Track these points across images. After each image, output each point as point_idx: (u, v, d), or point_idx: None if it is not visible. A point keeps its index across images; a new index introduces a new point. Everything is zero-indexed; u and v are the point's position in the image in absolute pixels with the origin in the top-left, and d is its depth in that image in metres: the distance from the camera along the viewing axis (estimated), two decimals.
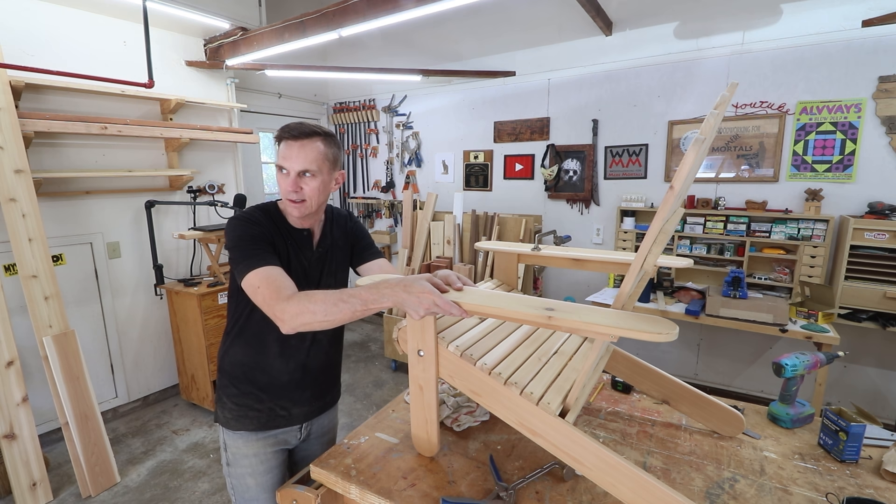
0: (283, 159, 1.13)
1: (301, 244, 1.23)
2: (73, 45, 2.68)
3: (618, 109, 3.43)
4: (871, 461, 1.12)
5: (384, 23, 2.36)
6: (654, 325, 0.75)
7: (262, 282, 1.02)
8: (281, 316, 0.97)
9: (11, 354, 2.17)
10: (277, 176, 1.16)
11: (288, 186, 1.13)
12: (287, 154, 1.13)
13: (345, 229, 1.36)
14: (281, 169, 1.14)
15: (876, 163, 2.68)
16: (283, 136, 1.14)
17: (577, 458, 0.87)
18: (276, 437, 1.28)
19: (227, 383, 1.27)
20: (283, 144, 1.14)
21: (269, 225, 1.17)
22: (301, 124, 1.14)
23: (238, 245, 1.10)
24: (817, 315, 2.51)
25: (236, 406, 1.25)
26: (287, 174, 1.13)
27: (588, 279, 3.77)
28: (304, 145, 1.13)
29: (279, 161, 1.14)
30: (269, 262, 1.07)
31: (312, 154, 1.13)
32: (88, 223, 2.84)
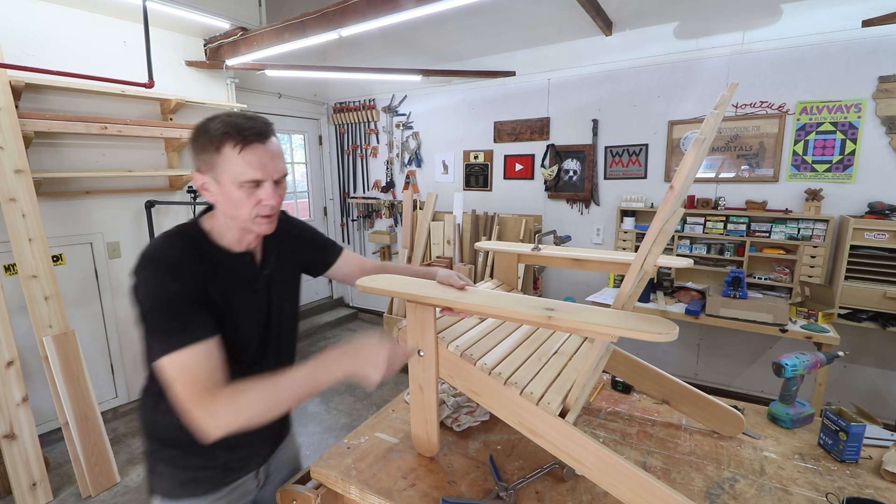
0: (259, 168, 0.85)
1: (243, 274, 0.97)
2: (73, 45, 2.68)
3: (618, 109, 3.43)
4: (871, 461, 1.12)
5: (384, 23, 2.36)
6: (654, 325, 0.75)
7: (179, 375, 0.79)
8: (203, 426, 0.77)
9: (11, 354, 2.17)
10: (237, 193, 0.86)
11: (268, 200, 0.88)
12: (261, 161, 0.85)
13: (288, 235, 1.10)
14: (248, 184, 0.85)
15: (876, 163, 2.68)
16: (248, 138, 0.84)
17: (577, 458, 0.87)
18: (234, 491, 1.05)
19: (160, 447, 0.99)
20: (247, 150, 0.84)
21: (196, 263, 0.87)
22: (253, 118, 0.87)
23: (152, 310, 0.82)
24: (817, 315, 2.51)
25: (180, 470, 0.99)
26: (259, 186, 0.87)
27: (588, 279, 3.77)
28: (273, 143, 0.90)
29: (249, 172, 0.84)
30: (193, 337, 0.81)
31: (280, 151, 0.92)
32: (88, 223, 2.84)
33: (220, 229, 0.94)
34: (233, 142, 0.84)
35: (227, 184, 0.86)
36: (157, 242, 0.88)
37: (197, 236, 0.93)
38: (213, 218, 0.95)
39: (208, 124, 0.86)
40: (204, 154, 0.87)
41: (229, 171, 0.85)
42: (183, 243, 0.89)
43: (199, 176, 0.90)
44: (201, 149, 0.87)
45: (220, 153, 0.85)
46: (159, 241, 0.88)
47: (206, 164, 0.87)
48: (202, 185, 0.90)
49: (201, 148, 0.87)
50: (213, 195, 0.89)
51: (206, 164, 0.87)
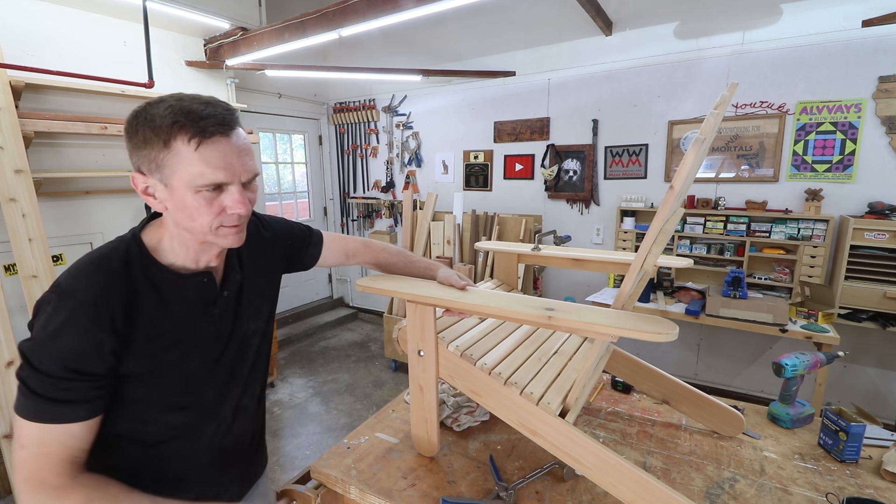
0: (223, 168, 0.67)
1: (196, 300, 0.78)
2: (73, 45, 2.68)
3: (618, 109, 3.43)
4: (871, 461, 1.12)
5: (384, 23, 2.36)
6: (654, 325, 0.75)
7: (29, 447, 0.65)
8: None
9: (11, 354, 2.17)
10: (194, 200, 0.67)
11: (235, 207, 0.69)
12: (225, 159, 0.67)
13: (259, 238, 0.93)
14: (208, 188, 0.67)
15: (876, 163, 2.68)
16: (208, 129, 0.65)
17: (577, 458, 0.87)
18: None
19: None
20: (206, 146, 0.65)
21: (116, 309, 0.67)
22: (212, 103, 0.68)
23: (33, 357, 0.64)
24: (817, 315, 2.51)
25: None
26: (222, 190, 0.69)
27: (588, 279, 3.77)
28: (239, 134, 0.70)
29: (210, 174, 0.66)
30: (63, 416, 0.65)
31: (248, 145, 0.72)
32: (88, 223, 2.84)
33: (170, 244, 0.75)
34: (187, 134, 0.64)
35: (179, 188, 0.66)
36: (75, 272, 0.68)
37: (134, 258, 0.72)
38: (162, 228, 0.75)
39: (150, 110, 0.66)
40: (146, 149, 0.66)
41: (183, 172, 0.65)
42: (107, 278, 0.68)
43: (139, 178, 0.69)
44: (142, 142, 0.66)
45: (169, 149, 0.65)
46: (78, 271, 0.68)
47: (148, 163, 0.67)
48: (144, 189, 0.70)
49: (142, 141, 0.66)
50: (161, 202, 0.70)
51: (150, 162, 0.66)
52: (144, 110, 0.67)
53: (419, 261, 1.17)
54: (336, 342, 4.53)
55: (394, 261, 1.17)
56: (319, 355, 4.17)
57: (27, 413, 0.65)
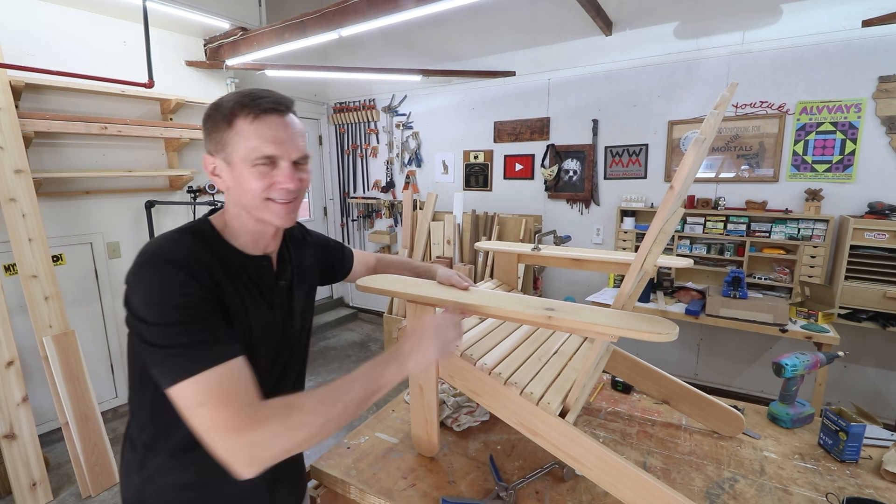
0: (273, 142, 0.73)
1: (260, 281, 0.81)
2: (73, 45, 2.68)
3: (618, 109, 3.43)
4: (871, 461, 1.12)
5: (384, 23, 2.36)
6: (654, 325, 0.75)
7: (208, 397, 0.62)
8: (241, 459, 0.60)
9: (11, 354, 2.17)
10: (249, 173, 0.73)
11: (285, 182, 0.74)
12: (276, 134, 0.73)
13: (306, 242, 0.99)
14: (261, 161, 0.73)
15: (876, 163, 2.68)
16: (263, 106, 0.73)
17: (577, 458, 0.87)
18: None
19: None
20: (260, 122, 0.72)
21: (208, 266, 0.72)
22: (272, 91, 0.76)
23: (162, 321, 0.64)
24: (817, 315, 2.51)
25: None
26: (274, 166, 0.74)
27: (588, 279, 3.77)
28: (292, 118, 0.77)
29: (262, 147, 0.72)
30: (223, 353, 0.66)
31: (301, 129, 0.79)
32: (88, 223, 2.84)
33: (233, 226, 0.80)
34: (245, 112, 0.72)
35: (238, 164, 0.73)
36: (159, 240, 0.72)
37: (207, 234, 0.77)
38: (225, 214, 0.81)
39: (221, 99, 0.76)
40: (215, 133, 0.75)
41: (241, 148, 0.72)
42: (192, 241, 0.74)
43: (208, 159, 0.78)
44: (213, 127, 0.75)
45: (231, 127, 0.73)
46: (162, 240, 0.73)
47: (216, 144, 0.75)
48: (212, 170, 0.77)
49: (213, 126, 0.75)
50: (224, 181, 0.77)
51: (217, 143, 0.75)
52: (216, 101, 0.77)
53: (420, 265, 1.21)
54: (336, 342, 4.53)
55: (397, 263, 1.23)
56: (320, 355, 4.17)
57: (189, 367, 0.63)
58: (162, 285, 0.66)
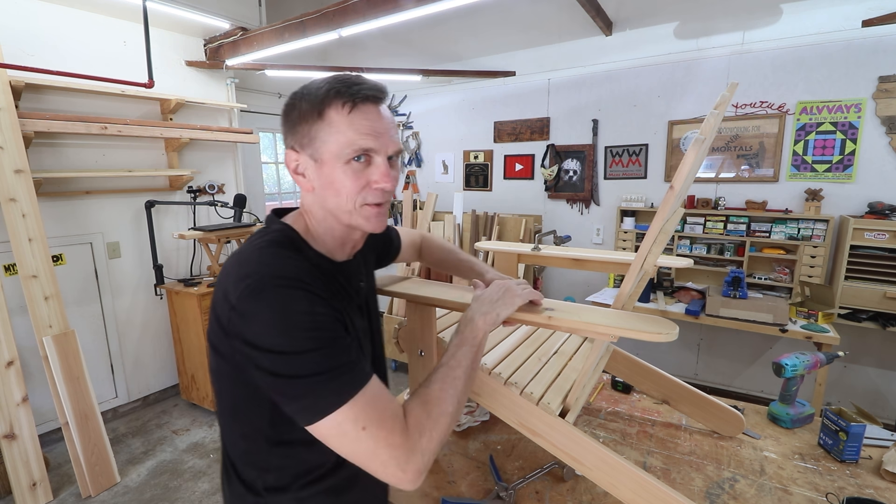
0: (371, 135, 0.65)
1: (349, 286, 0.75)
2: (73, 44, 2.68)
3: (618, 109, 3.43)
4: (871, 461, 1.12)
5: (384, 23, 2.36)
6: (654, 325, 0.75)
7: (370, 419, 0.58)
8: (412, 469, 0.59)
9: (11, 354, 2.17)
10: (342, 172, 0.65)
11: (382, 181, 0.67)
12: (374, 126, 0.65)
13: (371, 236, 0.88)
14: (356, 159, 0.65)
15: (876, 163, 2.68)
16: (362, 95, 0.64)
17: (577, 458, 0.87)
18: None
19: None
20: (357, 112, 0.64)
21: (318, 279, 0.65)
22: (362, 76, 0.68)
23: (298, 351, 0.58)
24: (817, 315, 2.51)
25: None
26: (369, 163, 0.67)
27: (588, 279, 3.77)
28: (386, 110, 0.69)
29: (360, 141, 0.64)
30: (364, 372, 0.62)
31: (395, 123, 0.72)
32: (88, 223, 2.84)
33: (318, 232, 0.72)
34: (340, 100, 0.64)
35: (329, 161, 0.65)
36: (262, 258, 0.64)
37: (298, 243, 0.69)
38: (306, 218, 0.72)
39: (307, 86, 0.67)
40: (301, 125, 0.66)
41: (333, 142, 0.64)
42: (292, 254, 0.66)
43: (292, 155, 0.69)
44: (299, 118, 0.66)
45: (323, 119, 0.64)
46: (265, 257, 0.64)
47: (301, 137, 0.67)
48: (295, 167, 0.69)
49: (299, 116, 0.66)
50: (309, 181, 0.68)
51: (303, 137, 0.66)
52: (300, 90, 0.68)
53: (464, 259, 1.07)
54: None
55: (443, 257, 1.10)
56: None
57: (343, 393, 0.58)
58: (288, 310, 0.58)
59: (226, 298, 0.61)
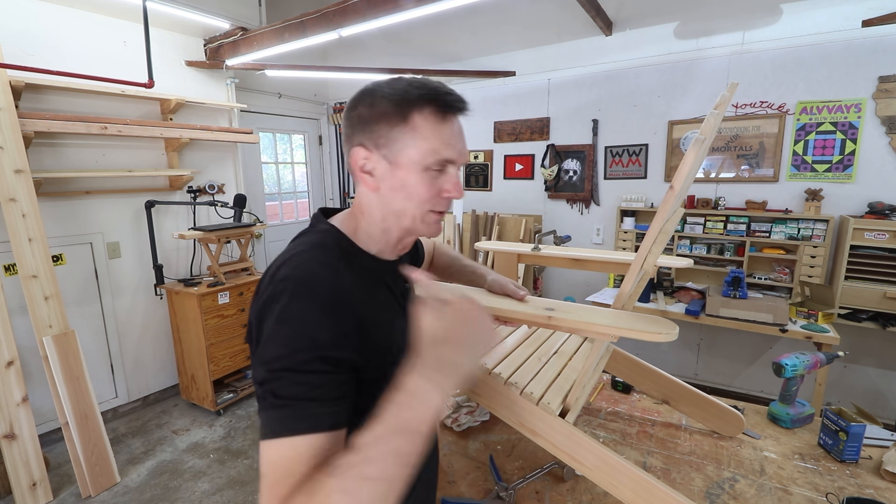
0: (453, 147, 0.65)
1: (395, 287, 0.73)
2: (73, 44, 2.68)
3: (618, 109, 3.43)
4: (871, 461, 1.12)
5: (384, 23, 2.36)
6: (654, 325, 0.75)
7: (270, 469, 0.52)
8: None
9: (11, 354, 2.17)
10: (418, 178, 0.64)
11: (454, 190, 0.67)
12: (455, 138, 0.66)
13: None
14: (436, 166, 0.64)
15: (876, 163, 2.68)
16: (451, 106, 0.64)
17: (577, 458, 0.87)
18: None
19: None
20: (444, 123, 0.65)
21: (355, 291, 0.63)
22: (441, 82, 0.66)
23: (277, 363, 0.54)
24: (817, 315, 2.51)
25: None
26: (443, 172, 0.66)
27: (588, 279, 3.77)
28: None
29: (444, 151, 0.64)
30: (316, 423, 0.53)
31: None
32: (88, 223, 2.84)
33: (373, 233, 0.70)
34: (431, 108, 0.63)
35: (405, 165, 0.64)
36: (305, 259, 0.62)
37: (345, 246, 0.68)
38: (358, 218, 0.70)
39: (387, 85, 0.65)
40: (380, 124, 0.64)
41: (414, 149, 0.63)
42: (337, 261, 0.64)
43: (361, 153, 0.66)
44: (377, 116, 0.64)
45: (407, 123, 0.63)
46: (308, 259, 0.62)
47: (377, 137, 0.64)
48: (363, 166, 0.66)
49: (379, 116, 0.64)
50: (376, 182, 0.66)
51: (379, 137, 0.64)
52: (380, 86, 0.65)
53: (467, 264, 1.08)
54: None
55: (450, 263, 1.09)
56: None
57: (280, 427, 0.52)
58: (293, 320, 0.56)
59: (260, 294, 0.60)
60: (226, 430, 2.90)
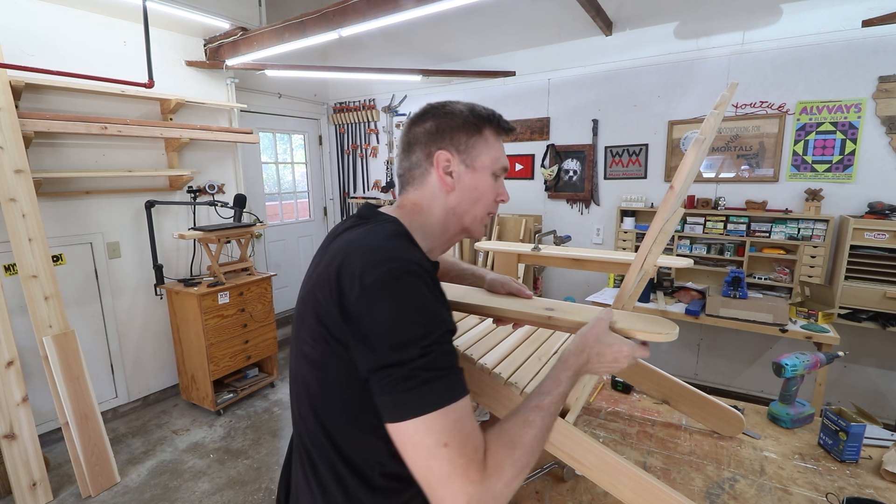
0: (505, 158, 0.80)
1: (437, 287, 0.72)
2: (73, 44, 2.68)
3: (618, 109, 3.43)
4: (871, 461, 1.12)
5: (384, 23, 2.36)
6: (654, 325, 0.75)
7: (454, 436, 0.54)
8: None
9: (11, 354, 2.17)
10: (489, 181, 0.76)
11: (504, 193, 0.79)
12: (504, 151, 0.80)
13: None
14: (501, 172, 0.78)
15: (876, 163, 2.68)
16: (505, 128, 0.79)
17: (577, 458, 0.87)
18: None
19: None
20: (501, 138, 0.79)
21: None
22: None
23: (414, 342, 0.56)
24: (817, 315, 2.51)
25: None
26: (500, 177, 0.79)
27: (588, 279, 3.77)
28: None
29: (503, 160, 0.78)
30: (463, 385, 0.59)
31: None
32: (88, 223, 2.84)
33: (433, 231, 0.75)
34: (493, 125, 0.77)
35: (481, 170, 0.74)
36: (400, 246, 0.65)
37: (412, 238, 0.71)
38: (412, 215, 0.75)
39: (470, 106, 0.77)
40: (461, 133, 0.74)
41: (488, 154, 0.75)
42: (416, 249, 0.68)
43: (443, 155, 0.74)
44: (460, 127, 0.74)
45: (481, 134, 0.75)
46: (402, 246, 0.65)
47: (458, 143, 0.74)
48: (446, 167, 0.74)
49: (460, 126, 0.74)
50: (454, 182, 0.74)
51: (460, 143, 0.74)
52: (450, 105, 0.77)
53: (466, 267, 1.11)
54: None
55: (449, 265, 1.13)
56: None
57: (443, 396, 0.55)
58: (426, 300, 0.58)
59: (359, 279, 0.58)
60: (226, 430, 2.90)
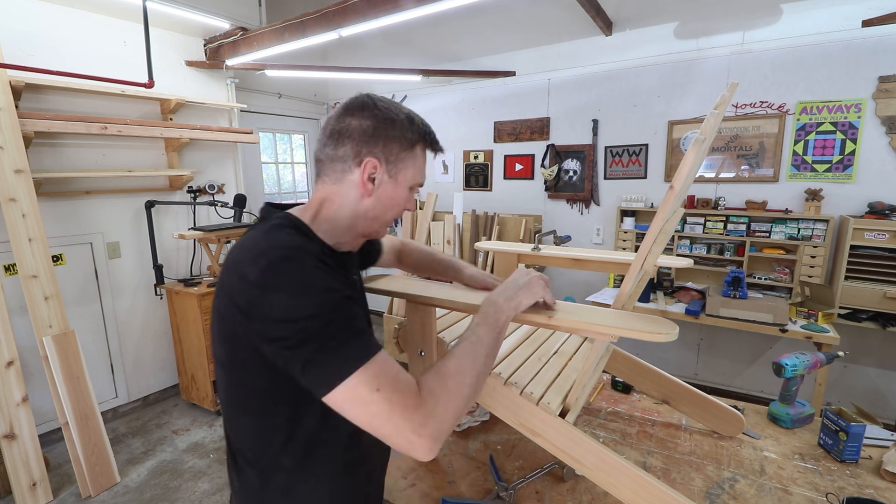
0: (424, 175, 0.83)
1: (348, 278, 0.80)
2: (73, 44, 2.68)
3: (618, 109, 3.43)
4: (871, 461, 1.12)
5: (384, 23, 2.36)
6: (654, 325, 0.75)
7: (383, 381, 0.60)
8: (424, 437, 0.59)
9: (11, 354, 2.17)
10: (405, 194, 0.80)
11: (411, 204, 0.82)
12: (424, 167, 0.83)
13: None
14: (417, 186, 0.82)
15: (876, 163, 2.68)
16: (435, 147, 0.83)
17: (577, 458, 0.87)
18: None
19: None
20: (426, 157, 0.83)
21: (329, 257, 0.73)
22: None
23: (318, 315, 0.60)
24: (817, 315, 2.51)
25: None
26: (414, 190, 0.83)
27: (588, 279, 3.77)
28: None
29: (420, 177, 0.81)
30: (375, 343, 0.64)
31: None
32: (88, 223, 2.84)
33: (339, 227, 0.77)
34: (424, 145, 0.80)
35: (402, 182, 0.78)
36: (275, 238, 0.67)
37: (303, 228, 0.74)
38: (317, 209, 0.77)
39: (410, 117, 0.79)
40: (394, 144, 0.75)
41: (413, 170, 0.79)
42: (303, 236, 0.71)
43: (374, 164, 0.75)
44: (394, 138, 0.76)
45: (412, 150, 0.77)
46: (278, 237, 0.68)
47: (389, 154, 0.75)
48: (371, 173, 0.75)
49: (396, 136, 0.76)
50: (374, 189, 0.76)
51: (390, 154, 0.76)
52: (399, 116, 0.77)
53: (442, 259, 1.12)
54: None
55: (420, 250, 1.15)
56: None
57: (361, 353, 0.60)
58: (310, 277, 0.62)
59: (243, 279, 0.63)
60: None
